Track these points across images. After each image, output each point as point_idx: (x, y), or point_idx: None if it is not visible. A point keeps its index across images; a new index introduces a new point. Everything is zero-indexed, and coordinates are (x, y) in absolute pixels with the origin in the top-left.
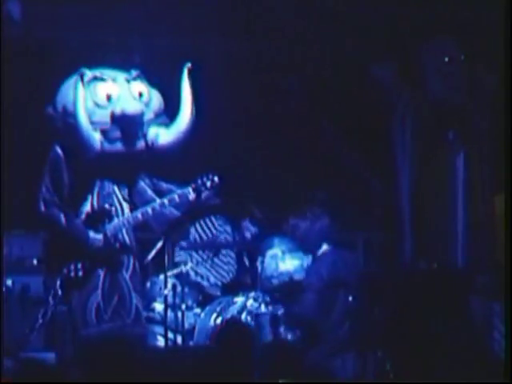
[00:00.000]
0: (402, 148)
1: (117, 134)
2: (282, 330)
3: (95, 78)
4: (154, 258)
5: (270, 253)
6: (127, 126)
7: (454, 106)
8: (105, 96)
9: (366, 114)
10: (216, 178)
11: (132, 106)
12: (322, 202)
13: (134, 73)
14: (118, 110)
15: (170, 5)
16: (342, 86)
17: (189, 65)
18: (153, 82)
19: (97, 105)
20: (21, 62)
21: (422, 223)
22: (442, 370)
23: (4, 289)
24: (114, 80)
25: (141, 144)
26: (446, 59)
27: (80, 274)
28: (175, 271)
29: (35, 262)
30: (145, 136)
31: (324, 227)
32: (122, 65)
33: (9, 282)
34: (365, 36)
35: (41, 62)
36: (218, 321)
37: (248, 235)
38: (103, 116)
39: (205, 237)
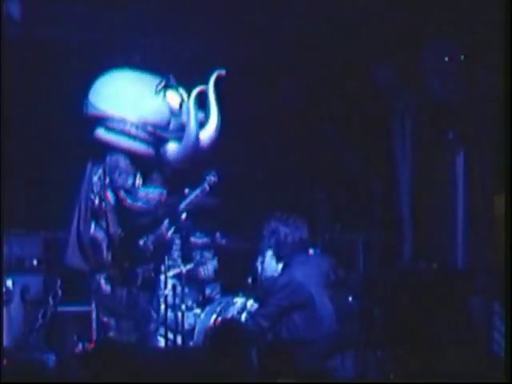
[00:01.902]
0: (402, 148)
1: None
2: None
3: (166, 85)
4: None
5: (269, 253)
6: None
7: (454, 105)
8: (178, 104)
9: (365, 114)
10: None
11: (195, 115)
12: (321, 203)
13: (172, 79)
14: (190, 119)
15: (171, 5)
16: (342, 87)
17: (219, 72)
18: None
19: (172, 113)
20: (21, 62)
21: (422, 223)
22: (442, 369)
23: (4, 289)
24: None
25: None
26: (446, 59)
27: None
28: (175, 271)
29: (35, 262)
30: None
31: (301, 237)
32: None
33: (9, 282)
34: (365, 36)
35: (41, 62)
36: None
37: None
38: (177, 125)
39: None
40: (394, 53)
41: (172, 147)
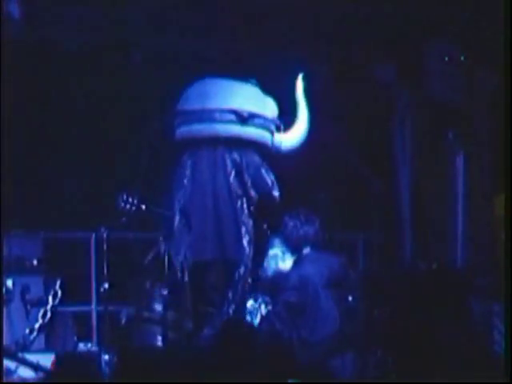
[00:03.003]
0: (402, 148)
1: None
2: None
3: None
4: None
5: (270, 253)
6: None
7: (454, 106)
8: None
9: (366, 115)
10: None
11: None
12: (321, 203)
13: None
14: (302, 108)
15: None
16: (342, 87)
17: (302, 74)
18: None
19: None
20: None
21: (422, 223)
22: (443, 370)
23: (4, 289)
24: None
25: None
26: (446, 59)
27: None
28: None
29: (35, 262)
30: None
31: (312, 232)
32: None
33: (9, 282)
34: (365, 36)
35: (41, 63)
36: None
37: None
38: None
39: None
40: (394, 53)
41: (284, 137)
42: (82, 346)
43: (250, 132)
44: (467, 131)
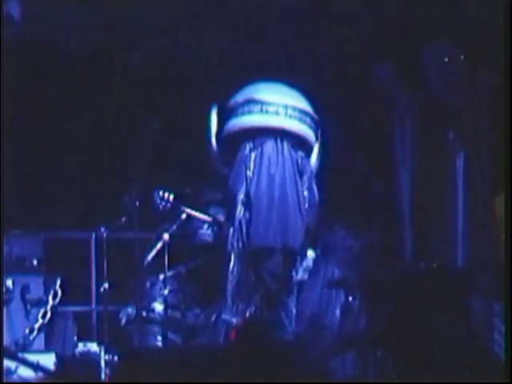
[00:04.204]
0: (402, 148)
1: None
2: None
3: None
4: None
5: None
6: None
7: (454, 106)
8: None
9: (366, 115)
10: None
11: None
12: (322, 203)
13: None
14: None
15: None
16: (342, 87)
17: None
18: None
19: None
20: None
21: (422, 223)
22: (443, 370)
23: (4, 289)
24: None
25: None
26: (446, 59)
27: None
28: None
29: (35, 262)
30: None
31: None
32: None
33: (9, 282)
34: (365, 37)
35: (41, 63)
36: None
37: None
38: None
39: None
40: (394, 53)
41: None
42: (81, 346)
43: (313, 137)
44: (467, 131)
